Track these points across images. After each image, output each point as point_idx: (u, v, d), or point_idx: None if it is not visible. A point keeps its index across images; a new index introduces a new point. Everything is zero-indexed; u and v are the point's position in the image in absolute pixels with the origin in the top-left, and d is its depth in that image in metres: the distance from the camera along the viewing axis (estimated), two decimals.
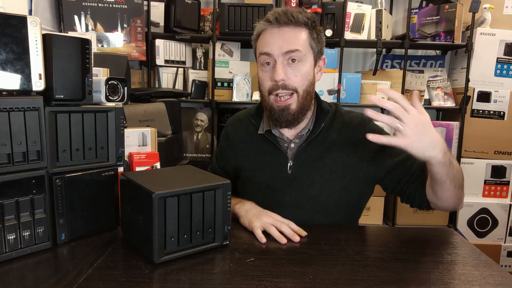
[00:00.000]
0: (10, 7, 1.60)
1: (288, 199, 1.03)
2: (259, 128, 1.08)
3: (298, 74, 0.96)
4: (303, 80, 0.97)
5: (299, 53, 0.95)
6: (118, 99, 0.94)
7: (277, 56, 0.95)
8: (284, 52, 0.95)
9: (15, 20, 0.71)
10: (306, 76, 0.98)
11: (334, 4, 2.17)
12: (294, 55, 0.95)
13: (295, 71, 0.96)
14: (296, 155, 1.03)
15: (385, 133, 1.04)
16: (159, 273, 0.69)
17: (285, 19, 0.95)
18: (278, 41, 0.95)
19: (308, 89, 0.99)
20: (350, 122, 1.06)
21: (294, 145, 1.04)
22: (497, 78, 2.24)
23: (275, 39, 0.96)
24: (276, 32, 0.96)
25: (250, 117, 1.12)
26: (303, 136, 1.04)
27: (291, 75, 0.96)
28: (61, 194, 0.80)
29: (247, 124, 1.13)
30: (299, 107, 0.98)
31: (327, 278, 0.69)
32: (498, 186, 2.28)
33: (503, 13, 2.26)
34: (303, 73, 0.97)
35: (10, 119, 0.71)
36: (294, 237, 0.85)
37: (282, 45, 0.95)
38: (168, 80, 2.27)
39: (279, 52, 0.95)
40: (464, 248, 0.85)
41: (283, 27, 0.96)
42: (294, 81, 0.96)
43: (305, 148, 1.03)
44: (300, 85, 0.97)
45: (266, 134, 1.06)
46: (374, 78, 2.25)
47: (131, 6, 2.10)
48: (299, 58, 0.96)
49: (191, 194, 0.74)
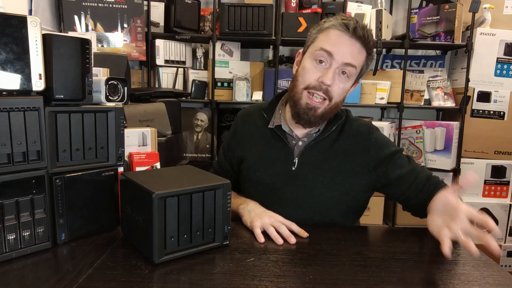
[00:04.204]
0: (10, 7, 1.60)
1: (289, 196, 1.03)
2: (270, 122, 1.08)
3: (341, 87, 0.98)
4: (342, 94, 0.99)
5: (353, 69, 0.97)
6: (118, 99, 0.94)
7: (336, 62, 0.95)
8: (344, 63, 0.95)
9: (15, 20, 0.71)
10: (345, 91, 1.00)
11: (334, 4, 2.17)
12: (349, 69, 0.96)
13: (340, 83, 0.97)
14: (303, 153, 1.04)
15: (390, 144, 1.06)
16: (159, 273, 0.69)
17: (361, 34, 0.94)
18: (345, 49, 0.95)
19: (339, 103, 1.00)
20: (357, 130, 1.06)
21: (302, 143, 1.05)
22: (497, 78, 2.24)
23: (344, 46, 0.95)
24: (347, 40, 0.95)
25: (262, 110, 1.12)
26: (312, 136, 1.05)
27: (335, 85, 0.97)
28: (61, 194, 0.80)
29: (257, 117, 1.13)
30: (324, 113, 0.99)
31: (327, 278, 0.69)
32: (498, 186, 2.28)
33: (503, 13, 2.26)
34: (345, 87, 0.99)
35: (10, 119, 0.71)
36: (290, 239, 0.86)
37: (346, 56, 0.95)
38: (168, 80, 2.27)
39: (340, 59, 0.95)
40: (464, 248, 0.85)
41: (354, 39, 0.95)
42: (335, 91, 0.97)
43: (312, 147, 1.04)
44: (337, 96, 0.98)
45: (276, 129, 1.06)
46: (374, 78, 2.25)
47: (131, 6, 2.10)
48: (349, 74, 0.97)
49: (191, 194, 0.74)
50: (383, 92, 2.22)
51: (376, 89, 2.23)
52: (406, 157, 1.05)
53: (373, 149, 1.03)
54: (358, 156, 1.03)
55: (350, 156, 1.03)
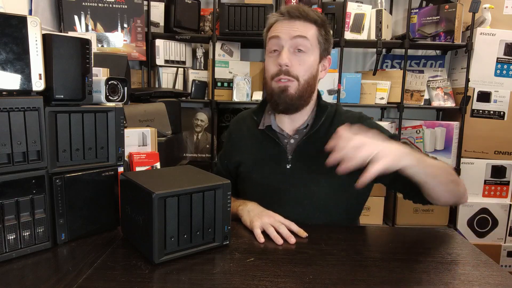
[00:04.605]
0: (10, 7, 1.60)
1: (287, 194, 1.03)
2: (260, 124, 1.10)
3: (302, 64, 0.99)
4: (306, 71, 1.00)
5: (306, 41, 0.98)
6: (118, 99, 0.94)
7: (285, 41, 0.98)
8: (293, 37, 0.98)
9: (15, 20, 0.71)
10: (309, 68, 1.00)
11: (334, 4, 2.17)
12: (301, 42, 0.98)
13: (299, 60, 0.99)
14: (296, 150, 1.04)
15: (382, 130, 1.05)
16: (159, 273, 0.69)
17: (297, 12, 0.99)
18: (288, 28, 0.99)
19: (309, 81, 1.01)
20: (348, 120, 1.05)
21: (293, 141, 1.06)
22: (497, 78, 2.24)
23: (286, 27, 0.99)
24: (287, 22, 1.00)
25: (252, 113, 1.14)
26: (302, 132, 1.06)
27: (295, 63, 0.99)
28: (61, 194, 0.80)
29: (248, 121, 1.15)
30: (298, 94, 1.00)
31: (327, 278, 0.69)
32: (498, 186, 2.28)
33: (503, 13, 2.26)
34: (307, 64, 1.00)
35: (10, 119, 0.71)
36: (290, 239, 0.86)
37: (291, 32, 0.98)
38: (168, 80, 2.27)
39: (287, 37, 0.98)
40: (464, 248, 0.85)
41: (294, 19, 0.99)
42: (297, 69, 0.99)
43: (304, 143, 1.04)
44: (302, 74, 1.00)
45: (266, 130, 1.07)
46: (374, 78, 2.25)
47: (131, 6, 2.10)
48: (305, 49, 0.99)
49: (191, 194, 0.74)
50: (383, 92, 2.22)
51: (376, 89, 2.23)
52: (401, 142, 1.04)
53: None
54: None
55: None
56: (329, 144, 0.81)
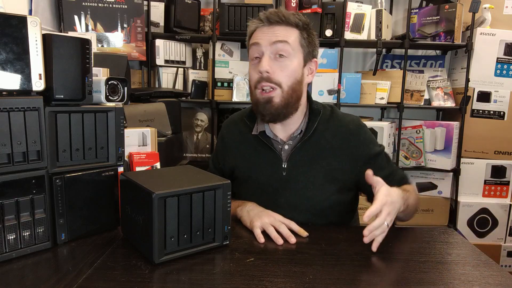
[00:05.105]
0: (10, 7, 1.60)
1: (283, 200, 1.03)
2: (253, 129, 1.08)
3: (284, 70, 0.97)
4: (289, 77, 0.97)
5: (287, 46, 0.96)
6: (118, 99, 0.94)
7: (265, 48, 0.96)
8: (272, 42, 0.96)
9: (15, 20, 0.71)
10: (292, 73, 0.98)
11: (334, 4, 2.17)
12: (281, 47, 0.96)
13: (281, 66, 0.97)
14: (291, 156, 1.03)
15: (375, 143, 1.07)
16: (159, 273, 0.69)
17: (276, 18, 0.97)
18: (268, 34, 0.97)
19: (293, 87, 0.98)
20: (346, 126, 1.05)
21: (288, 147, 1.05)
22: (497, 78, 2.24)
23: (266, 33, 0.98)
24: (266, 28, 0.98)
25: (245, 118, 1.11)
26: (297, 138, 1.04)
27: (276, 69, 0.97)
28: (61, 194, 0.80)
29: (241, 125, 1.13)
30: (283, 103, 0.98)
31: (327, 278, 0.69)
32: (498, 186, 2.27)
33: (503, 13, 2.26)
34: (289, 69, 0.97)
35: (10, 119, 0.71)
36: (290, 239, 0.86)
37: (271, 37, 0.96)
38: (168, 80, 2.27)
39: (267, 43, 0.96)
40: (464, 248, 0.85)
41: (273, 25, 0.97)
42: (279, 76, 0.97)
43: (299, 149, 1.03)
44: (285, 80, 0.97)
45: (260, 136, 1.06)
46: (374, 78, 2.25)
47: (131, 6, 2.10)
48: (286, 54, 0.96)
49: (191, 194, 0.74)
50: (383, 92, 2.22)
51: (376, 89, 2.22)
52: (386, 158, 1.07)
53: (362, 147, 1.04)
54: (348, 153, 1.03)
55: (339, 153, 1.03)
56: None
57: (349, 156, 1.03)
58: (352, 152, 1.03)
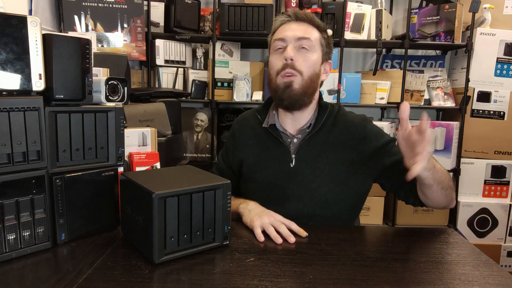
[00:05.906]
0: (10, 7, 1.60)
1: (290, 192, 1.05)
2: (264, 122, 1.11)
3: (306, 60, 1.03)
4: (309, 67, 1.03)
5: (310, 42, 1.03)
6: (118, 99, 0.94)
7: (290, 41, 1.02)
8: (297, 38, 1.02)
9: (15, 20, 0.71)
10: (312, 65, 1.03)
11: (334, 4, 2.17)
12: (305, 42, 1.02)
13: (303, 56, 1.03)
14: (299, 149, 1.06)
15: (384, 134, 1.09)
16: (159, 273, 0.69)
17: (303, 15, 1.05)
18: (294, 30, 1.04)
19: (312, 78, 1.04)
20: (352, 121, 1.09)
21: (296, 140, 1.08)
22: (497, 78, 2.24)
23: (292, 29, 1.04)
24: (293, 24, 1.05)
25: (256, 112, 1.16)
26: (305, 132, 1.07)
27: (299, 58, 1.02)
28: (61, 194, 0.80)
29: (253, 121, 1.17)
30: (302, 90, 1.02)
31: (327, 278, 0.69)
32: (498, 186, 2.28)
33: (503, 13, 2.26)
34: (310, 60, 1.03)
35: (10, 119, 0.71)
36: (289, 238, 0.86)
37: (296, 33, 1.03)
38: (168, 80, 2.27)
39: (292, 38, 1.02)
40: (464, 248, 0.85)
41: (300, 22, 1.05)
42: (301, 64, 1.02)
43: (307, 142, 1.06)
44: (306, 69, 1.02)
45: (270, 129, 1.09)
46: (374, 78, 2.25)
47: (131, 6, 2.10)
48: (309, 47, 1.03)
49: (191, 194, 0.74)
50: (383, 92, 2.22)
51: (376, 89, 2.23)
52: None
53: (368, 139, 1.06)
54: (355, 147, 1.06)
55: (347, 147, 1.06)
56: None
57: (357, 149, 1.06)
58: (359, 145, 1.06)
